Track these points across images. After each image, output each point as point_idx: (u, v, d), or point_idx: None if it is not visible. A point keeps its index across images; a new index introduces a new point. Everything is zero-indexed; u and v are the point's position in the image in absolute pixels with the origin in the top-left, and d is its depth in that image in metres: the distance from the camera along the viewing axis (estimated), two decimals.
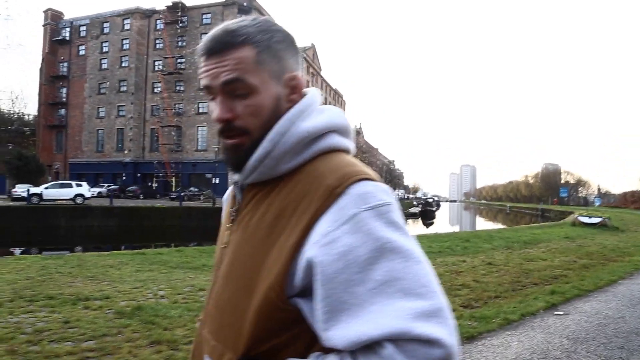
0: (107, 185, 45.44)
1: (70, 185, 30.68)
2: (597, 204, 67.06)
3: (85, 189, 30.69)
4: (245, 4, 49.72)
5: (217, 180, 44.31)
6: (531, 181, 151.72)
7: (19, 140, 55.80)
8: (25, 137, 60.96)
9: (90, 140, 55.45)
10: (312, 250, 0.72)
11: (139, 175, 52.58)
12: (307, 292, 0.75)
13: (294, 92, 0.86)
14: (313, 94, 0.90)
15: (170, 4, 52.11)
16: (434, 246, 11.92)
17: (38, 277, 6.70)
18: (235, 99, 0.82)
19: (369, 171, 0.79)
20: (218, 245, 0.97)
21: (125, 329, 4.39)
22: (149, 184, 50.35)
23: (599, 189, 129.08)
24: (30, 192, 28.61)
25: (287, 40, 0.86)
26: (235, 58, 0.80)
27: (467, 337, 4.48)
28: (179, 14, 51.57)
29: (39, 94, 58.72)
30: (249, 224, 0.84)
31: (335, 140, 0.85)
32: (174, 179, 49.69)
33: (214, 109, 0.85)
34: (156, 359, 3.66)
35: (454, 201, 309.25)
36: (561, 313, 5.57)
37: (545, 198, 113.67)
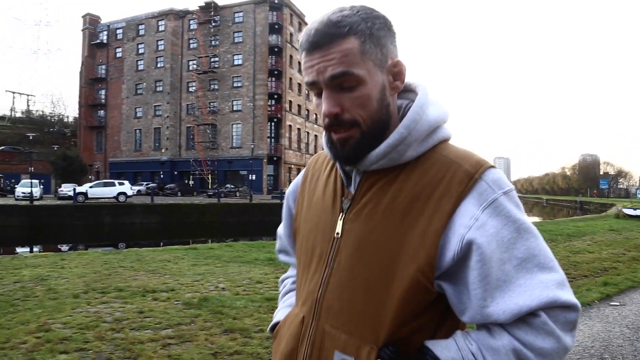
0: (145, 183, 46.70)
1: (113, 184, 31.76)
2: (639, 195, 64.72)
3: (127, 188, 31.71)
4: (276, 1, 50.03)
5: (254, 177, 44.89)
6: (568, 173, 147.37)
7: (60, 142, 58.09)
8: (66, 138, 63.38)
9: (128, 140, 57.15)
10: (470, 232, 0.76)
11: (175, 173, 53.80)
12: (451, 273, 0.78)
13: (397, 78, 0.87)
14: (424, 86, 0.92)
15: (203, 4, 52.98)
16: None
17: (104, 271, 7.12)
18: (342, 92, 0.82)
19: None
20: (316, 237, 0.95)
21: (196, 318, 4.66)
22: (186, 181, 51.44)
23: None
24: (77, 191, 29.75)
25: (387, 26, 0.85)
26: (340, 51, 0.80)
27: None
28: (212, 13, 52.39)
29: (79, 96, 60.91)
30: (375, 211, 0.84)
31: (448, 131, 0.89)
32: (210, 176, 50.56)
33: (319, 103, 0.85)
34: (233, 346, 3.90)
35: None
36: (617, 304, 5.59)
37: (584, 190, 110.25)
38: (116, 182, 32.43)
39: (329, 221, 0.92)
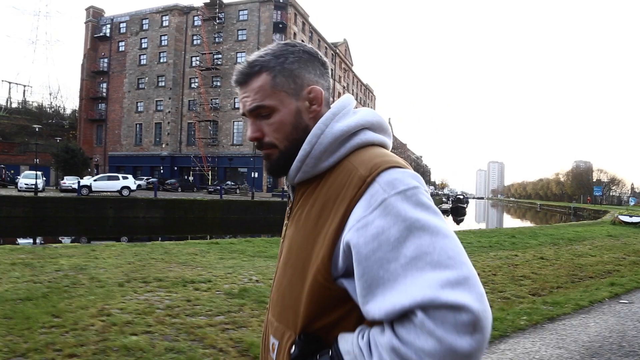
0: (146, 178, 46.85)
1: (117, 178, 31.94)
2: (632, 203, 65.52)
3: (131, 182, 31.89)
4: (281, 0, 50.30)
5: (256, 175, 45.11)
6: (562, 179, 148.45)
7: (59, 134, 57.98)
8: (64, 131, 63.28)
9: (129, 134, 57.22)
10: (349, 234, 0.81)
11: (175, 168, 54.00)
12: (349, 273, 0.83)
13: (314, 103, 0.97)
14: (345, 98, 1.01)
15: (208, 1, 53.12)
16: (482, 241, 12.36)
17: (137, 262, 7.44)
18: (262, 119, 0.96)
19: (399, 160, 0.89)
20: (281, 240, 1.09)
21: (242, 307, 4.99)
22: (186, 177, 51.64)
23: (632, 188, 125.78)
24: (81, 184, 29.97)
25: (303, 58, 0.97)
26: (254, 88, 0.95)
27: (548, 318, 5.06)
28: (217, 10, 52.51)
29: (80, 89, 60.92)
30: (300, 218, 0.95)
31: (368, 135, 0.94)
32: (210, 173, 50.81)
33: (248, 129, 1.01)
34: None
35: (481, 198, 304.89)
36: (626, 302, 6.03)
37: (577, 196, 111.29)
38: (120, 176, 32.57)
39: (284, 228, 1.07)
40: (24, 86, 77.10)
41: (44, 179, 32.42)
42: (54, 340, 3.77)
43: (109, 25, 59.77)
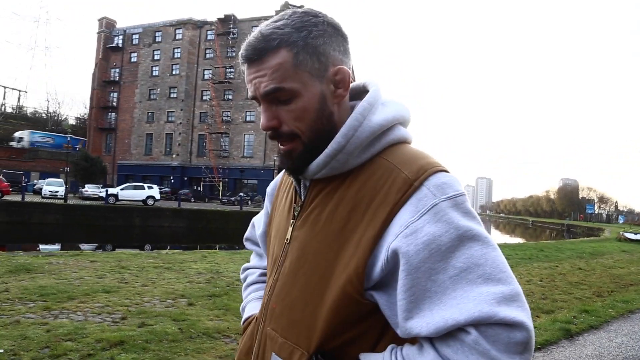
0: (159, 187, 47.88)
1: (142, 187, 33.08)
2: (621, 221, 67.67)
3: (156, 191, 33.04)
4: None
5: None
6: (552, 196, 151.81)
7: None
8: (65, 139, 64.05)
9: (139, 144, 58.21)
10: (396, 241, 0.72)
11: (185, 178, 55.02)
12: (383, 284, 0.76)
13: (340, 87, 0.84)
14: (377, 87, 0.90)
15: (222, 16, 54.80)
16: (519, 254, 13.84)
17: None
18: (279, 105, 0.81)
19: (441, 163, 0.81)
20: (274, 241, 0.98)
21: None
22: (195, 187, 52.63)
23: (616, 206, 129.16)
24: (109, 192, 31.10)
25: (328, 32, 0.82)
26: (272, 66, 0.79)
27: (629, 310, 6.54)
28: (230, 26, 54.11)
29: (91, 98, 61.94)
30: (319, 218, 0.84)
31: (402, 132, 0.86)
32: (220, 184, 51.82)
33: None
34: None
35: None
36: None
37: (568, 213, 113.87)
38: (145, 185, 33.68)
39: (283, 227, 0.94)
40: (19, 91, 77.52)
41: (67, 186, 33.37)
42: None
43: (121, 36, 61.08)
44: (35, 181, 45.03)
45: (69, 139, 36.93)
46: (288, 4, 52.38)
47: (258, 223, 1.18)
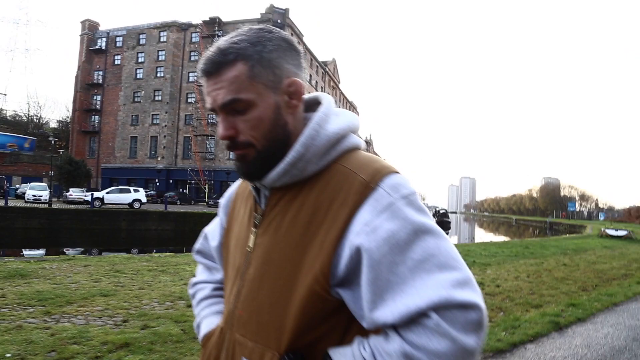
0: (145, 190, 47.53)
1: (128, 191, 32.78)
2: (601, 218, 68.92)
3: (142, 195, 32.78)
4: (279, 20, 52.07)
5: None
6: (535, 195, 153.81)
7: (44, 145, 57.66)
8: (48, 142, 62.94)
9: (123, 147, 57.63)
10: (358, 238, 0.77)
11: (171, 181, 54.72)
12: (348, 280, 0.80)
13: (293, 97, 0.88)
14: (329, 99, 0.95)
15: (207, 19, 54.56)
16: (506, 251, 14.13)
17: None
18: (236, 115, 0.85)
19: (392, 165, 0.86)
20: (235, 251, 1.00)
21: None
22: (181, 190, 52.44)
23: (596, 204, 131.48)
24: (94, 196, 30.84)
25: (282, 46, 0.87)
26: (228, 79, 0.82)
27: (613, 303, 6.79)
28: (215, 28, 53.87)
29: (74, 101, 61.12)
30: (281, 225, 0.87)
31: (355, 139, 0.91)
32: (206, 186, 51.66)
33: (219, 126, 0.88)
34: None
35: (454, 212, 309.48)
36: None
37: (550, 211, 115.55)
38: (131, 189, 33.41)
39: (244, 236, 0.97)
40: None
41: (50, 190, 32.99)
42: None
43: (104, 39, 60.43)
44: (18, 185, 44.40)
45: (16, 139, 35.89)
46: (273, 7, 52.55)
47: (212, 235, 1.15)
